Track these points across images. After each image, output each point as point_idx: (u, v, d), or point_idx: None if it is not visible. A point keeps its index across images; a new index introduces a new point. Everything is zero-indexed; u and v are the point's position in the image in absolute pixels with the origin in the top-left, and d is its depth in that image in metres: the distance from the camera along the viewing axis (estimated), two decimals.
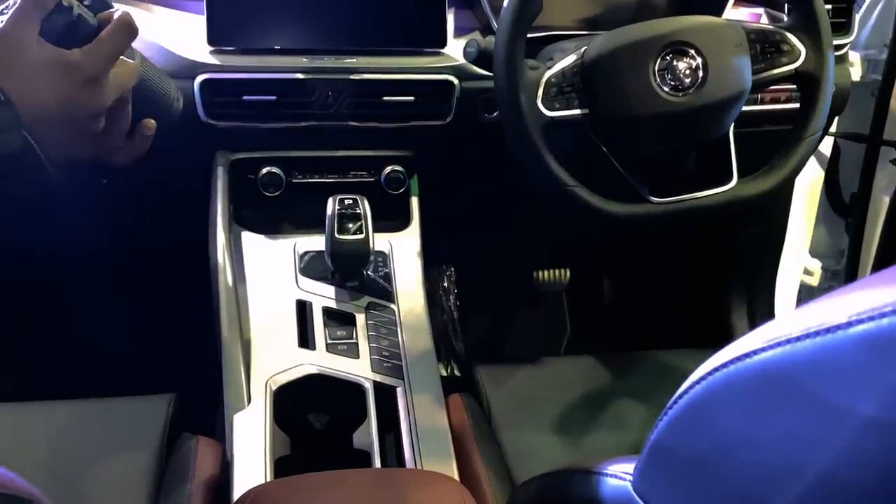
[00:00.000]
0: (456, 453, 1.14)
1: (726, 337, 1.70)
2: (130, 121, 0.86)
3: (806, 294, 2.03)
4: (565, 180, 1.16)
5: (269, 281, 1.29)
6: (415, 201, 1.43)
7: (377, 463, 1.07)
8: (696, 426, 0.51)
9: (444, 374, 1.89)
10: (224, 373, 1.15)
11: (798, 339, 0.43)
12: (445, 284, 1.93)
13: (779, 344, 0.44)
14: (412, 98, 1.36)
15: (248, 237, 1.35)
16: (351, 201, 1.26)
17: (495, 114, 1.40)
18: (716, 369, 0.49)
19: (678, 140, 1.21)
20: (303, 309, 1.26)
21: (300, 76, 1.32)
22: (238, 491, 1.02)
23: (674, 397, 0.54)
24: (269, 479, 1.03)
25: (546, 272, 1.96)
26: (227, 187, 1.35)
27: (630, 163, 1.20)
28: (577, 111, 1.16)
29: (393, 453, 1.12)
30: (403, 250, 1.38)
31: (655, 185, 1.20)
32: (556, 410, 1.32)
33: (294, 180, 1.39)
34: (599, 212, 1.18)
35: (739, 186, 1.22)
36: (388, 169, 1.41)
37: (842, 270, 1.97)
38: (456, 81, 1.36)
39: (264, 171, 1.37)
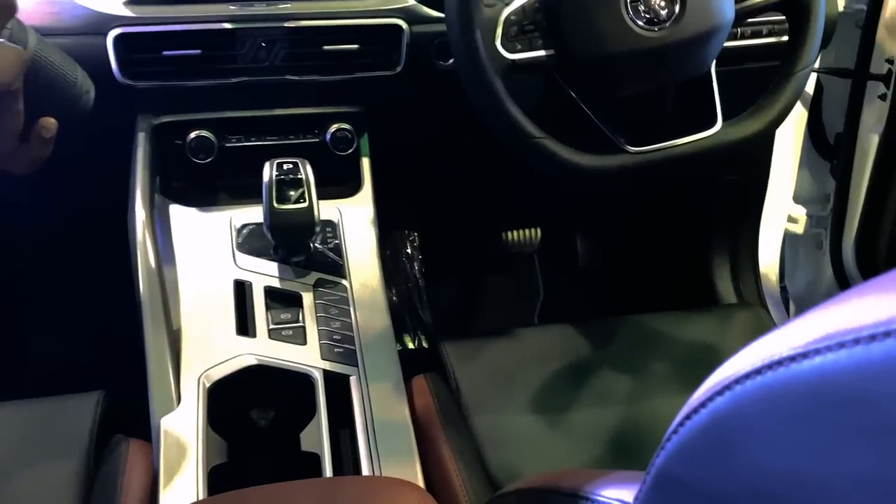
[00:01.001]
0: (422, 446, 1.01)
1: (709, 295, 1.60)
2: (23, 120, 0.71)
3: (791, 244, 1.91)
4: (531, 131, 1.04)
5: (202, 260, 1.15)
6: (366, 163, 1.29)
7: (328, 467, 0.93)
8: (719, 455, 0.38)
9: (412, 346, 1.76)
10: (148, 370, 1.01)
11: (876, 336, 0.29)
12: (409, 251, 1.80)
13: (844, 343, 0.30)
14: (356, 46, 1.23)
15: (176, 211, 1.20)
16: (291, 165, 1.11)
17: (451, 61, 1.26)
18: (745, 376, 0.35)
19: (655, 80, 1.10)
20: (241, 290, 1.12)
21: (227, 26, 1.19)
22: None
23: (685, 410, 0.40)
24: (201, 495, 0.89)
25: (515, 232, 1.82)
26: (149, 155, 1.21)
27: (603, 109, 1.10)
28: (542, 52, 1.05)
29: (348, 454, 0.98)
30: (355, 218, 1.23)
31: (632, 133, 1.10)
32: (533, 388, 1.19)
33: (227, 145, 1.25)
34: (571, 166, 1.06)
35: (725, 130, 1.11)
36: (334, 127, 1.26)
37: (827, 216, 1.85)
38: (405, 26, 1.23)
39: (193, 135, 1.22)
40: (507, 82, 1.03)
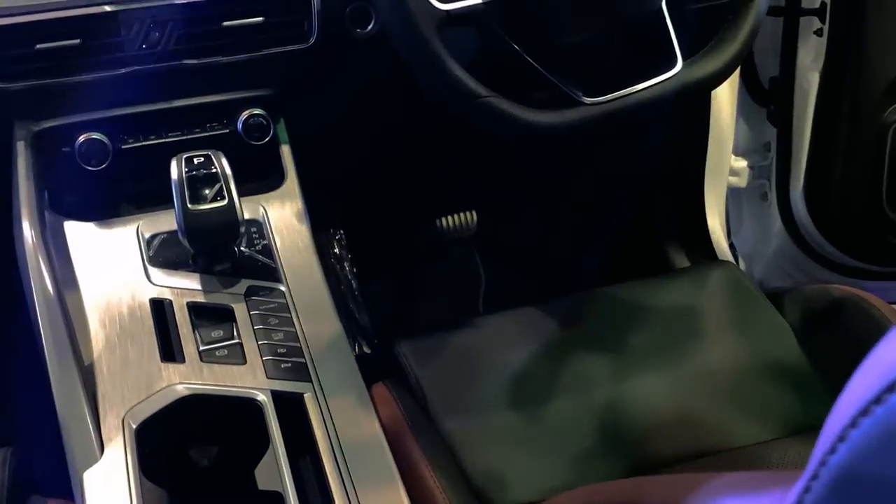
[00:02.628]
0: (395, 461, 0.86)
1: (659, 261, 1.49)
2: None
3: (734, 199, 1.82)
4: (476, 90, 0.93)
5: (110, 280, 0.98)
6: (286, 150, 1.14)
7: None
8: None
9: (354, 353, 1.60)
10: (60, 416, 0.83)
11: None
12: (337, 251, 1.64)
13: None
14: (261, 19, 1.08)
15: (72, 228, 1.03)
16: (202, 159, 0.96)
17: (370, 26, 1.13)
18: None
19: (603, 20, 1.00)
20: (160, 310, 0.95)
21: (108, 8, 1.03)
22: None
23: (859, 403, 0.28)
24: None
25: (449, 218, 1.69)
26: (32, 167, 1.04)
27: (551, 60, 0.98)
28: (478, 0, 0.92)
29: (313, 485, 0.82)
30: (283, 213, 1.08)
31: (586, 83, 0.99)
32: (504, 380, 1.07)
33: (123, 147, 1.08)
34: (525, 124, 0.95)
35: (686, 70, 1.01)
36: (246, 114, 1.11)
37: (769, 165, 1.77)
38: None
39: (82, 139, 1.06)
40: (443, 38, 0.91)
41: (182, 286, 0.98)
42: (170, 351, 0.90)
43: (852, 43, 1.51)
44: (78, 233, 1.03)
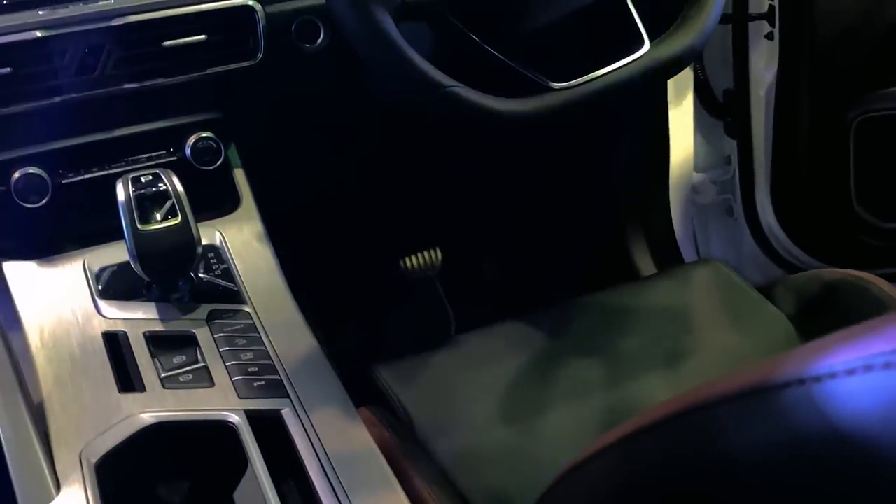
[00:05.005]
0: None
1: (632, 274, 1.44)
2: None
3: (699, 215, 1.79)
4: (440, 80, 0.88)
5: (56, 318, 0.89)
6: (240, 174, 1.07)
7: None
8: None
9: None
10: (8, 456, 0.73)
11: None
12: None
13: None
14: (203, 37, 1.02)
15: (12, 269, 0.94)
16: (150, 178, 0.88)
17: (319, 41, 1.07)
18: None
19: (562, 3, 0.96)
20: (115, 343, 0.86)
21: (38, 34, 0.96)
22: None
23: None
24: None
25: (413, 258, 1.62)
26: None
27: (514, 48, 0.93)
28: None
29: None
30: (241, 236, 1.00)
31: (554, 71, 0.94)
32: (492, 396, 0.99)
33: (64, 181, 1.00)
34: (494, 114, 0.90)
35: (655, 50, 0.98)
36: (194, 139, 1.04)
37: (731, 178, 1.74)
38: (258, 6, 1.03)
39: (17, 175, 0.97)
40: (400, 29, 0.86)
41: (137, 317, 0.89)
42: (128, 381, 0.81)
43: (805, 43, 1.50)
44: (19, 273, 0.94)
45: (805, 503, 0.31)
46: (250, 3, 1.03)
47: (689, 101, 1.67)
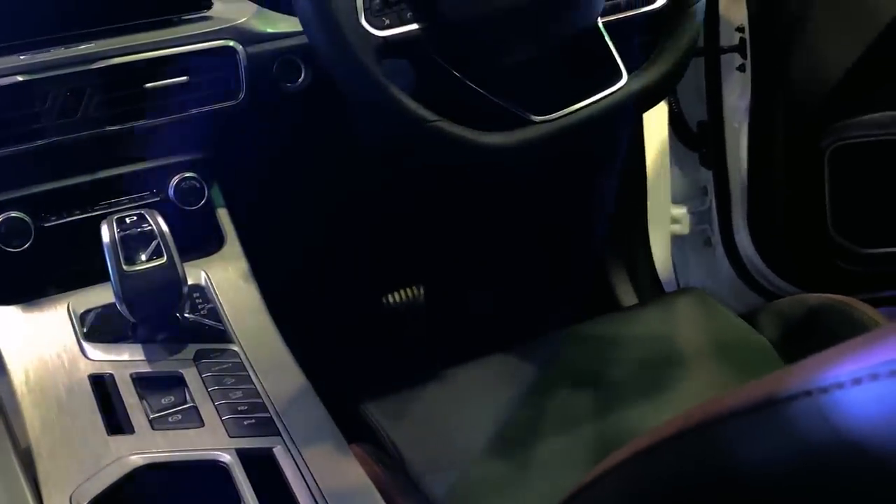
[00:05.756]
0: None
1: (614, 305, 1.44)
2: None
3: (678, 246, 1.80)
4: (423, 115, 0.88)
5: (41, 362, 0.88)
6: (223, 214, 1.07)
7: None
8: None
9: None
10: None
11: None
12: None
13: None
14: (185, 79, 1.02)
15: None
16: (135, 218, 0.88)
17: (300, 80, 1.08)
18: None
19: (541, 39, 0.97)
20: (101, 386, 0.85)
21: (20, 78, 0.95)
22: None
23: None
24: None
25: (396, 294, 1.62)
26: None
27: (495, 83, 0.95)
28: (414, 26, 0.91)
29: None
30: (226, 275, 1.00)
31: (535, 104, 0.96)
32: (482, 429, 0.99)
33: (46, 225, 1.00)
34: (476, 147, 0.91)
35: (633, 80, 0.99)
36: (177, 179, 1.04)
37: (708, 209, 1.76)
38: (239, 47, 1.04)
39: (0, 219, 0.97)
40: (383, 66, 0.87)
41: (123, 358, 0.88)
42: (116, 424, 0.81)
43: (776, 74, 1.52)
44: (2, 318, 0.93)
45: None
46: (231, 43, 1.03)
47: (664, 134, 1.69)
